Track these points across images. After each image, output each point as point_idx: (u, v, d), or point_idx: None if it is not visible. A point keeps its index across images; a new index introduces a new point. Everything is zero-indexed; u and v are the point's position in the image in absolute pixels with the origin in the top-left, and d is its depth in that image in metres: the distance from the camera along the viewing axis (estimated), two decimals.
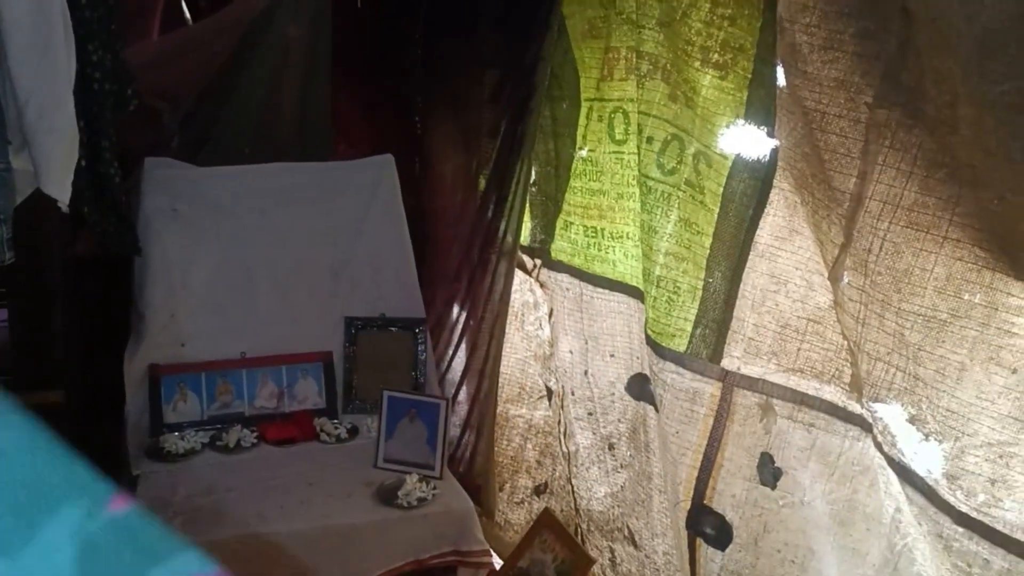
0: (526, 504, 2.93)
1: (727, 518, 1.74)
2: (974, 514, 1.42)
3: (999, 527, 1.40)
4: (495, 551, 2.48)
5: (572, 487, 2.67)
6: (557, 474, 2.84)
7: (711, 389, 1.75)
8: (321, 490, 2.26)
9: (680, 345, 1.79)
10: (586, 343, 2.26)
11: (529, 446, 2.89)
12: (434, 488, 2.29)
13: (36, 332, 2.38)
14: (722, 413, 1.74)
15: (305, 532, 2.11)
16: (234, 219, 2.59)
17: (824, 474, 1.65)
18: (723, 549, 1.74)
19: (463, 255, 2.75)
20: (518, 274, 2.64)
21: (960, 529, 1.44)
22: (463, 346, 2.79)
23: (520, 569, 2.64)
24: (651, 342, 1.85)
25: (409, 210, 2.75)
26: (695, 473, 1.78)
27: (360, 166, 2.76)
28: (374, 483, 2.31)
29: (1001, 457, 1.42)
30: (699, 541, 1.80)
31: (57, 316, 2.37)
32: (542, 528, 2.67)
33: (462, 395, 2.77)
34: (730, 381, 1.74)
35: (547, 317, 2.62)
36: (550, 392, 2.77)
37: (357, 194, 2.73)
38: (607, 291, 2.15)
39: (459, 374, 2.73)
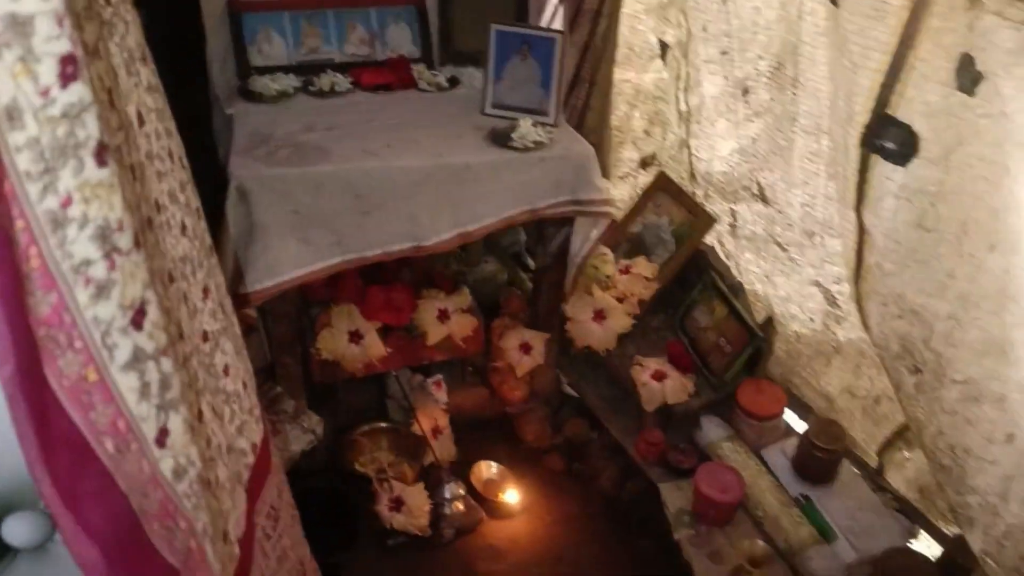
0: (630, 179, 2.73)
1: (914, 128, 1.49)
2: None
3: None
4: None
5: (689, 150, 2.44)
6: (668, 143, 2.60)
7: None
8: (428, 131, 2.06)
9: None
10: None
11: (636, 114, 2.63)
12: (550, 132, 2.07)
13: None
14: (920, 5, 1.43)
15: (416, 168, 1.94)
16: None
17: None
18: (905, 164, 1.51)
19: None
20: None
21: None
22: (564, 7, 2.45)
23: (633, 234, 2.49)
24: None
25: None
26: (880, 79, 1.51)
27: None
28: (484, 127, 2.10)
29: None
30: (873, 159, 1.56)
31: None
32: (657, 191, 2.49)
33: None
34: None
35: None
36: (664, 48, 2.47)
37: None
38: None
39: (565, 22, 2.41)
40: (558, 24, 2.43)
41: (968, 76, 1.43)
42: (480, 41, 2.20)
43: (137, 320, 0.68)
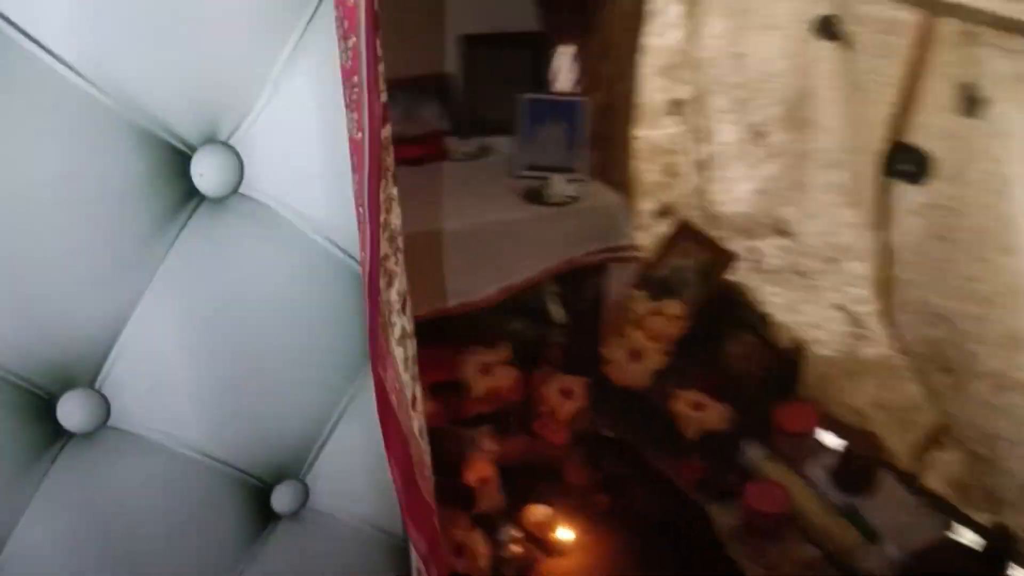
0: (647, 229, 2.92)
1: (928, 151, 1.69)
2: None
3: None
4: None
5: (707, 195, 2.63)
6: (683, 192, 2.80)
7: (910, 17, 1.66)
8: (467, 196, 2.24)
9: None
10: (738, 17, 2.15)
11: (651, 168, 2.84)
12: (581, 187, 2.26)
13: None
14: (923, 42, 1.65)
15: (460, 230, 2.11)
16: None
17: None
18: (921, 184, 1.71)
19: None
20: None
21: None
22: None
23: (659, 277, 2.67)
24: None
25: None
26: (892, 110, 1.71)
27: None
28: (519, 188, 2.28)
29: None
30: (892, 183, 1.76)
31: None
32: (679, 236, 2.67)
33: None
34: (930, 8, 1.64)
35: (678, 17, 2.49)
36: (674, 104, 2.69)
37: None
38: None
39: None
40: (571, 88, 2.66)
41: (971, 101, 1.64)
42: (504, 110, 2.40)
43: (403, 306, 0.86)
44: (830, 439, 2.33)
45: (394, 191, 0.81)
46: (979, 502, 2.00)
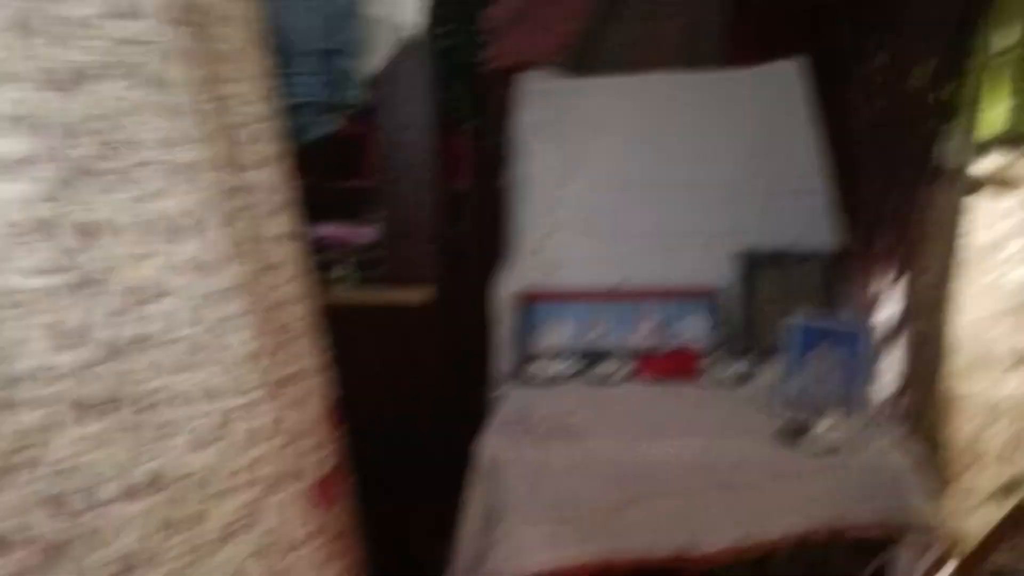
0: (983, 509, 2.17)
1: None
2: None
3: None
4: None
5: None
6: None
7: None
8: (704, 427, 1.81)
9: None
10: None
11: (992, 432, 2.15)
12: (857, 437, 1.71)
13: (407, 230, 2.30)
14: None
15: (682, 463, 1.68)
16: (614, 134, 2.30)
17: None
18: None
19: (891, 177, 2.18)
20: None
21: None
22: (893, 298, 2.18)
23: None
24: None
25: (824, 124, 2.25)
26: None
27: (761, 75, 2.32)
28: (773, 426, 1.79)
29: None
30: None
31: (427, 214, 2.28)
32: (1015, 527, 1.92)
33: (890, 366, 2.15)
34: None
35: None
36: None
37: (756, 106, 2.30)
38: None
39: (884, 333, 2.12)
40: (887, 313, 2.14)
41: None
42: (777, 336, 1.96)
43: None
44: None
45: None
46: None
